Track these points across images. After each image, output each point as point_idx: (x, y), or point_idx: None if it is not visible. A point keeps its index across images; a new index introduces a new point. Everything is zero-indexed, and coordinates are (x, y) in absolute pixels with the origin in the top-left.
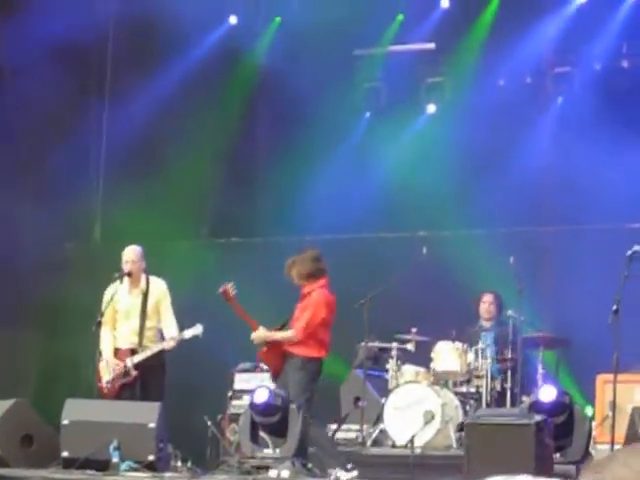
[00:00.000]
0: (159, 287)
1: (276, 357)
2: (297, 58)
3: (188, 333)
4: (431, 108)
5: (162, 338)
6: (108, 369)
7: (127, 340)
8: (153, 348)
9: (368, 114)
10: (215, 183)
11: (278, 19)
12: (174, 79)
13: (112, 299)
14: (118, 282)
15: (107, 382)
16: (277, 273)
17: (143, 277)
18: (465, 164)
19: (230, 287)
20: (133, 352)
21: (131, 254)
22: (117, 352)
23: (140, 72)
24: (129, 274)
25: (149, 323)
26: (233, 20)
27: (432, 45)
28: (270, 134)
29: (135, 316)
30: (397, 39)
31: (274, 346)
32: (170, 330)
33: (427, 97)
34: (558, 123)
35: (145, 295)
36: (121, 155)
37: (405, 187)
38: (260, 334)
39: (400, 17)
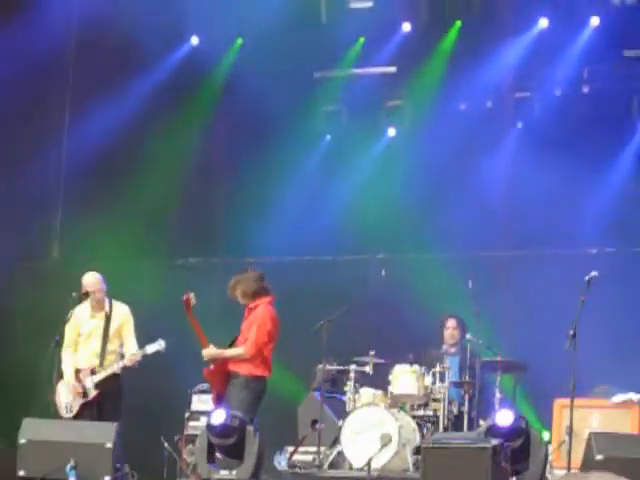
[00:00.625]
0: (122, 311)
1: (221, 377)
2: (258, 80)
3: (150, 348)
4: (391, 131)
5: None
6: (67, 390)
7: (87, 361)
8: (114, 366)
9: (329, 137)
10: (174, 203)
11: (240, 40)
12: (136, 97)
13: (72, 320)
14: (80, 304)
15: (66, 403)
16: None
17: (106, 301)
18: (425, 188)
19: (192, 297)
20: (93, 372)
21: (91, 280)
22: (77, 372)
23: (102, 90)
24: (86, 294)
25: (110, 346)
26: (195, 41)
27: (393, 68)
28: (230, 155)
29: (97, 338)
30: (358, 62)
31: (220, 366)
32: (131, 351)
33: (387, 120)
34: (518, 148)
35: (108, 318)
36: (81, 173)
37: (364, 210)
38: (210, 351)
39: (361, 40)
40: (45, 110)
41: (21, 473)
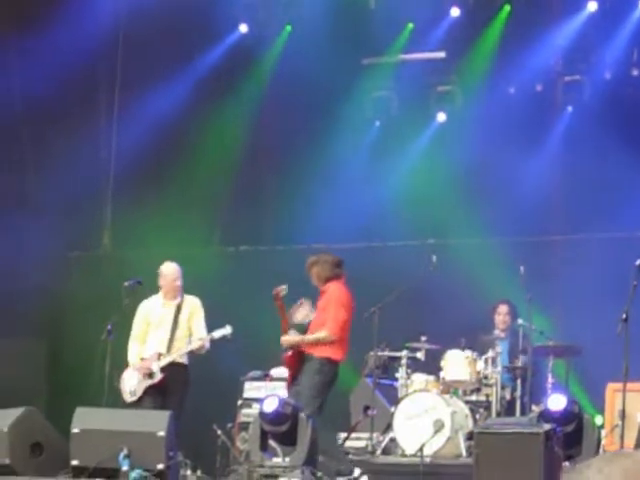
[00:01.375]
0: (193, 302)
1: (298, 362)
2: (307, 67)
3: (217, 333)
4: (441, 117)
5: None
6: (133, 375)
7: (155, 349)
8: (181, 350)
9: (378, 123)
10: (226, 192)
11: (288, 28)
12: (185, 87)
13: (143, 312)
14: (153, 296)
15: (130, 388)
16: (284, 281)
17: (179, 294)
18: (475, 172)
19: (283, 289)
20: (159, 357)
21: (171, 269)
22: (142, 360)
23: (151, 80)
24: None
25: (179, 334)
26: (244, 29)
27: (442, 54)
28: (280, 143)
29: (166, 327)
30: (407, 48)
31: (299, 351)
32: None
33: (437, 106)
34: (568, 131)
35: (179, 308)
36: (131, 163)
37: (415, 195)
38: (289, 338)
39: (410, 26)
40: (95, 102)
41: (74, 462)
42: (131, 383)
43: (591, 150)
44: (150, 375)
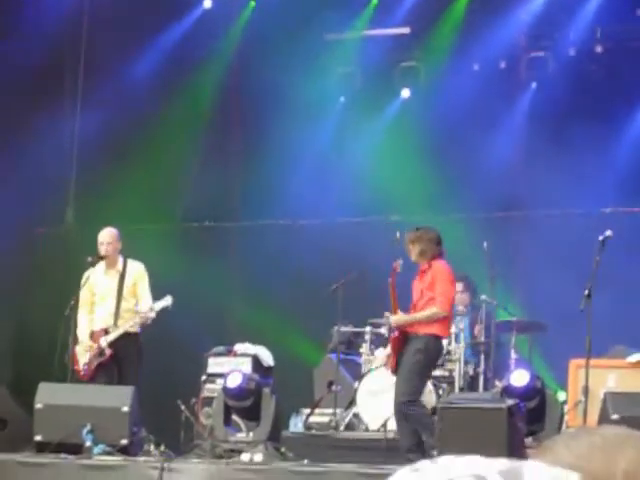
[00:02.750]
0: (137, 268)
1: (404, 343)
2: (271, 43)
3: (158, 305)
4: (405, 92)
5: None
6: (84, 352)
7: (103, 322)
8: (125, 325)
9: (342, 99)
10: (189, 167)
11: (252, 3)
12: (148, 63)
13: (87, 282)
14: (97, 265)
15: (84, 364)
16: (249, 256)
17: (120, 259)
18: (439, 148)
19: (398, 264)
20: (106, 332)
21: (107, 236)
22: (92, 334)
23: (115, 55)
24: (102, 257)
25: (125, 304)
26: (207, 4)
27: (406, 29)
28: (244, 119)
29: (112, 298)
30: (372, 23)
31: (404, 331)
32: (144, 308)
33: (401, 81)
34: (532, 108)
35: (122, 276)
36: (95, 140)
37: (379, 171)
38: (400, 318)
39: (374, 1)
40: (59, 79)
41: (38, 438)
42: (83, 361)
43: (555, 126)
44: (100, 353)
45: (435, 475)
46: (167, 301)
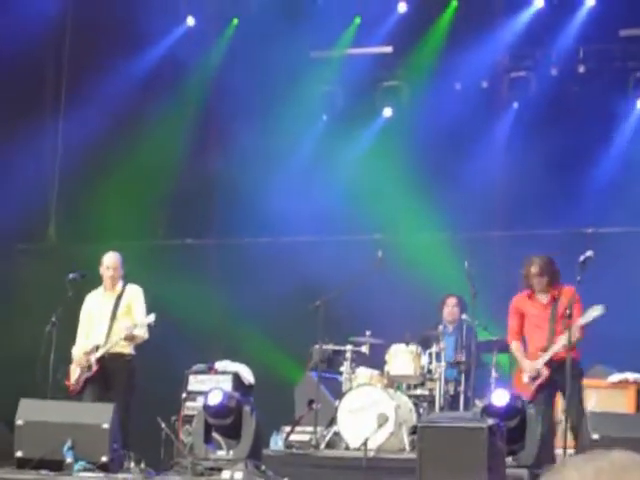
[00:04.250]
0: (133, 290)
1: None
2: (254, 60)
3: (141, 322)
4: (387, 112)
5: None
6: (76, 368)
7: (95, 341)
8: (112, 340)
9: (325, 117)
10: (171, 184)
11: (235, 20)
12: (131, 81)
13: (86, 304)
14: (93, 291)
15: (75, 380)
16: (231, 274)
17: (120, 283)
18: (421, 167)
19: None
20: (97, 348)
21: (113, 261)
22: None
23: (98, 71)
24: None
25: (117, 325)
26: (191, 21)
27: (389, 48)
28: (226, 136)
29: (107, 319)
30: (354, 42)
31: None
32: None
33: (383, 101)
34: (514, 127)
35: (118, 298)
36: (78, 156)
37: (361, 190)
38: (536, 365)
39: (357, 20)
40: (41, 93)
41: (19, 454)
42: (74, 377)
43: (536, 146)
44: (88, 367)
45: None
46: (150, 318)
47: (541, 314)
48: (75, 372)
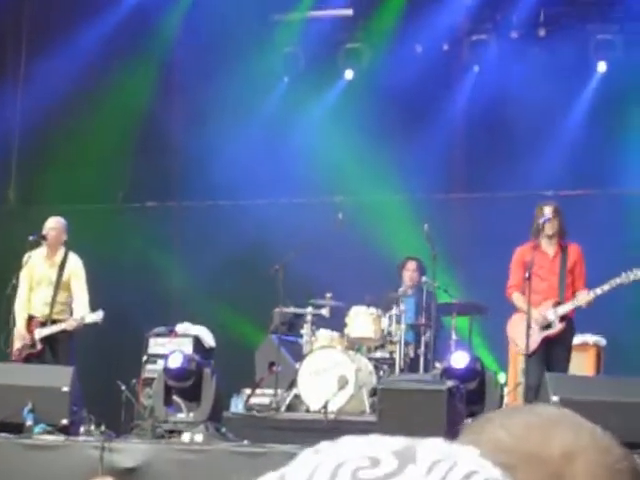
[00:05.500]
0: (74, 263)
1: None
2: (214, 23)
3: (89, 318)
4: (348, 74)
5: (71, 313)
6: (18, 338)
7: (38, 309)
8: (57, 326)
9: (286, 79)
10: (131, 147)
11: None
12: (90, 42)
13: (27, 263)
14: (37, 249)
15: (16, 349)
16: (191, 237)
17: (62, 250)
18: (381, 130)
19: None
20: (43, 324)
21: (53, 222)
22: (30, 320)
23: (57, 34)
24: (44, 237)
25: (60, 297)
26: None
27: (350, 11)
28: (186, 98)
29: (47, 286)
30: (315, 5)
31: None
32: (79, 309)
33: (345, 63)
34: (474, 90)
35: (61, 268)
36: (37, 119)
37: (322, 152)
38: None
39: None
40: (1, 55)
41: None
42: (16, 345)
43: (496, 109)
44: (32, 344)
45: (331, 457)
46: (98, 316)
47: (548, 266)
48: (17, 340)
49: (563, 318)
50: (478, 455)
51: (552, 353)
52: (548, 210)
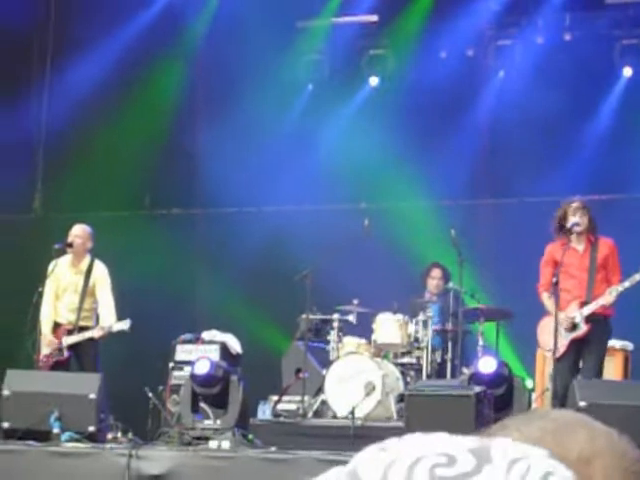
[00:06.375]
0: (100, 270)
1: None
2: (239, 30)
3: (116, 326)
4: (373, 80)
5: (98, 321)
6: (45, 344)
7: (64, 317)
8: (85, 334)
9: (310, 86)
10: (157, 154)
11: None
12: (116, 50)
13: (53, 271)
14: (61, 257)
15: (44, 356)
16: (217, 244)
17: (87, 257)
18: (407, 136)
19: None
20: (70, 332)
21: (78, 230)
22: (56, 327)
23: (82, 43)
24: (70, 245)
25: (86, 304)
26: None
27: (374, 17)
28: (212, 106)
29: (73, 294)
30: (340, 11)
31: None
32: (106, 317)
33: (369, 69)
34: (500, 96)
35: (87, 275)
36: (63, 126)
37: (347, 159)
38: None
39: None
40: (27, 62)
41: (5, 425)
42: (43, 352)
43: (522, 114)
44: (60, 350)
45: (403, 454)
46: (125, 325)
47: (577, 263)
48: (44, 347)
49: (589, 319)
50: (547, 456)
51: (583, 356)
52: (576, 205)
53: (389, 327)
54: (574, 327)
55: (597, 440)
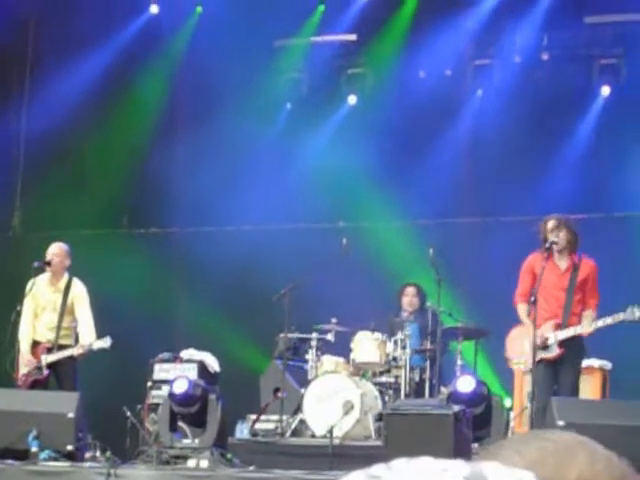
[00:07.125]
0: (78, 288)
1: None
2: (218, 48)
3: (97, 344)
4: (352, 99)
5: (77, 339)
6: (23, 363)
7: (43, 335)
8: (65, 352)
9: (289, 105)
10: (135, 173)
11: (199, 9)
12: (94, 70)
13: (31, 290)
14: (40, 275)
15: (22, 375)
16: (195, 263)
17: (65, 275)
18: (385, 156)
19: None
20: (49, 350)
21: (56, 248)
22: (35, 345)
23: (61, 62)
24: (49, 263)
25: (64, 322)
26: (154, 9)
27: (353, 36)
28: (190, 125)
29: (51, 312)
30: (318, 30)
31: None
32: (85, 335)
33: (348, 88)
34: (478, 115)
35: (65, 293)
36: (42, 145)
37: (325, 178)
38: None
39: (321, 8)
40: (4, 79)
41: None
42: (22, 371)
43: (500, 134)
44: (39, 369)
45: None
46: (106, 342)
47: (557, 281)
48: (22, 366)
49: (562, 342)
50: (534, 478)
51: (558, 377)
52: (551, 225)
53: (367, 346)
54: (546, 347)
55: (596, 464)
